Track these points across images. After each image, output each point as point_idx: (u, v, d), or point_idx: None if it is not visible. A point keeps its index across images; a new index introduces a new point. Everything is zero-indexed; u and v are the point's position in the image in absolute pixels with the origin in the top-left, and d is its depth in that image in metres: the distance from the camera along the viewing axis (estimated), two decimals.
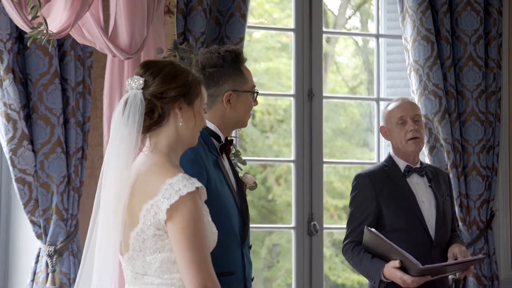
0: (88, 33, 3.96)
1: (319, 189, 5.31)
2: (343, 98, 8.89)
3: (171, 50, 4.24)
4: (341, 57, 9.48)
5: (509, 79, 5.57)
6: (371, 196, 4.14)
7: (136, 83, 2.58)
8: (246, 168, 4.54)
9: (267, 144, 9.24)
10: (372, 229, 3.99)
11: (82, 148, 4.51)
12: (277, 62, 9.15)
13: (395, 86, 5.61)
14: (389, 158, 4.24)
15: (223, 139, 3.22)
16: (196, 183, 2.48)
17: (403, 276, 3.90)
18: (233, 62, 3.21)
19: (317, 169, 5.31)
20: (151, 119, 2.58)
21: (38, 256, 4.42)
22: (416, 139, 4.17)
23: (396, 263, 3.92)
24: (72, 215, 4.44)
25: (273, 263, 9.25)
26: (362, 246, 4.09)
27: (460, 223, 5.29)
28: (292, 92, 5.36)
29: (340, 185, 9.29)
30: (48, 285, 4.36)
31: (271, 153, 9.11)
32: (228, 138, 3.27)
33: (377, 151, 5.54)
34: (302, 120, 5.31)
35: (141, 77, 2.59)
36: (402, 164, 4.21)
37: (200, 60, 3.21)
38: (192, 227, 2.44)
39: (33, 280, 4.41)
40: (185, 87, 2.61)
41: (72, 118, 4.46)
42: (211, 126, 3.20)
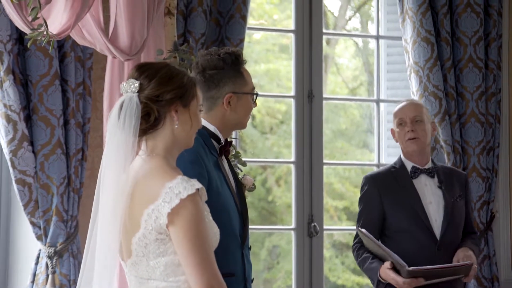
0: (88, 34, 3.96)
1: (319, 191, 5.31)
2: (343, 99, 8.89)
3: (171, 51, 4.24)
4: (341, 59, 9.48)
5: (509, 80, 5.57)
6: (376, 198, 4.19)
7: (131, 87, 2.55)
8: (246, 169, 4.54)
9: (267, 146, 9.23)
10: (362, 230, 4.04)
11: (82, 150, 4.51)
12: (277, 64, 9.15)
13: (395, 88, 5.61)
14: (398, 160, 4.28)
15: (222, 141, 3.22)
16: (196, 184, 2.47)
17: (395, 278, 3.95)
18: (233, 64, 3.21)
19: (317, 171, 5.31)
20: (148, 122, 2.56)
21: (38, 257, 4.42)
22: (414, 139, 4.19)
23: (388, 264, 3.99)
24: (72, 217, 4.44)
25: (273, 265, 9.25)
26: (365, 247, 4.13)
27: None
28: (292, 93, 5.36)
29: (340, 186, 9.29)
30: (48, 287, 4.36)
31: (271, 155, 9.10)
32: (228, 139, 3.27)
33: (377, 153, 5.54)
34: (302, 121, 5.31)
35: (136, 80, 2.56)
36: (409, 165, 4.24)
37: (200, 62, 3.21)
38: (195, 229, 2.43)
39: (33, 282, 4.41)
40: (181, 89, 2.59)
41: (72, 119, 4.46)
42: (211, 128, 3.20)
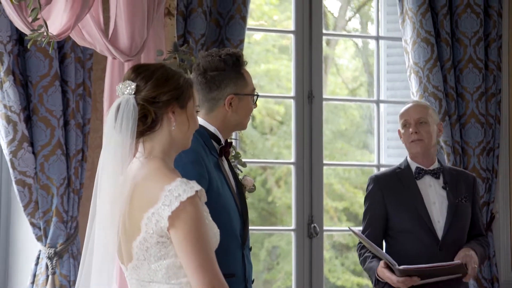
0: (88, 35, 3.96)
1: (319, 191, 5.31)
2: (343, 100, 8.89)
3: (171, 52, 4.24)
4: (341, 59, 9.48)
5: (509, 81, 5.57)
6: (379, 199, 4.22)
7: (128, 88, 2.54)
8: (246, 170, 4.55)
9: (267, 146, 9.23)
10: (353, 229, 4.09)
11: (82, 150, 4.51)
12: (277, 64, 9.15)
13: (395, 88, 5.61)
14: (404, 161, 4.30)
15: (223, 142, 3.22)
16: (195, 186, 2.46)
17: (390, 276, 3.98)
18: (234, 65, 3.21)
19: (317, 171, 5.31)
20: (145, 124, 2.54)
21: (38, 258, 4.42)
22: (417, 141, 4.20)
23: (382, 263, 4.02)
24: (72, 217, 4.44)
25: (273, 265, 9.25)
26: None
27: None
28: (292, 94, 5.36)
29: (340, 187, 9.29)
30: (48, 287, 4.36)
31: (271, 155, 9.10)
32: (228, 140, 3.27)
33: (377, 153, 5.54)
34: (302, 122, 5.31)
35: (132, 82, 2.55)
36: (414, 166, 4.25)
37: (201, 64, 3.21)
38: (195, 231, 2.43)
39: (33, 282, 4.40)
40: (177, 91, 2.58)
41: (72, 120, 4.46)
42: (211, 129, 3.20)
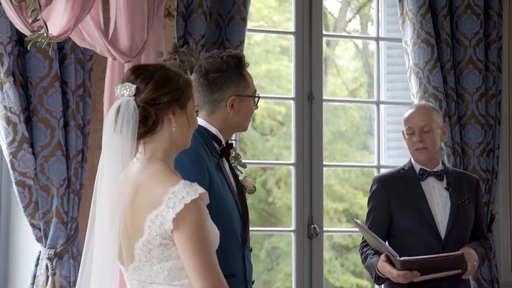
0: (88, 36, 3.96)
1: (319, 192, 5.30)
2: (343, 101, 8.89)
3: (171, 53, 4.24)
4: (341, 60, 9.49)
5: (509, 82, 5.57)
6: (382, 199, 4.22)
7: (127, 90, 2.53)
8: (246, 171, 4.55)
9: (267, 147, 9.23)
10: (357, 221, 4.05)
11: (82, 151, 4.50)
12: (277, 65, 9.15)
13: (395, 89, 5.61)
14: (408, 162, 4.31)
15: (223, 143, 3.22)
16: (198, 189, 2.46)
17: (390, 270, 3.96)
18: (236, 67, 3.21)
19: (317, 172, 5.31)
20: (145, 126, 2.53)
21: (38, 259, 4.42)
22: (422, 149, 4.19)
23: (383, 257, 4.00)
24: (72, 218, 4.43)
25: (272, 266, 9.25)
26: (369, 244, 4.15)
27: None
28: (292, 95, 5.36)
29: (340, 188, 9.29)
30: None
31: (271, 156, 9.10)
32: (229, 141, 3.27)
33: (377, 154, 5.54)
34: (302, 123, 5.31)
35: (132, 83, 2.54)
36: (418, 167, 4.26)
37: (203, 65, 3.20)
38: (199, 234, 2.43)
39: (33, 283, 4.40)
40: (177, 92, 2.57)
41: (72, 121, 4.45)
42: (212, 130, 3.20)
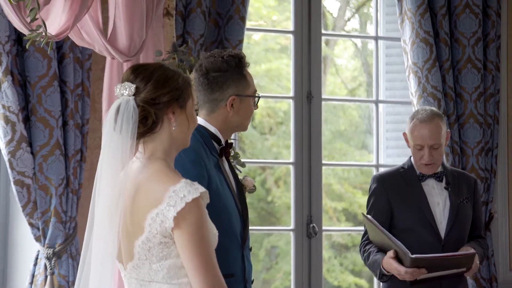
0: (87, 35, 3.96)
1: (318, 191, 5.31)
2: (342, 100, 8.89)
3: (170, 52, 4.24)
4: (340, 59, 9.49)
5: (508, 81, 5.57)
6: (383, 198, 4.21)
7: (127, 90, 2.52)
8: (245, 170, 4.54)
9: (266, 146, 9.23)
10: (367, 216, 4.03)
11: (81, 151, 4.50)
12: (276, 64, 9.15)
13: (394, 89, 5.61)
14: (408, 161, 4.28)
15: (223, 142, 3.22)
16: (199, 188, 2.46)
17: (398, 267, 3.91)
18: (237, 66, 3.21)
19: (316, 171, 5.31)
20: (145, 126, 2.53)
21: (36, 258, 4.42)
22: (429, 165, 4.18)
23: (391, 253, 3.95)
24: (71, 218, 4.43)
25: (271, 265, 9.25)
26: (371, 241, 4.13)
27: None
28: (291, 94, 5.36)
29: (339, 187, 9.29)
30: None
31: (270, 155, 9.10)
32: (228, 141, 3.27)
33: (376, 154, 5.54)
34: (301, 122, 5.31)
35: (131, 83, 2.53)
36: (418, 170, 4.24)
37: (204, 65, 3.20)
38: (199, 233, 2.43)
39: (31, 283, 4.40)
40: (177, 91, 2.57)
41: (71, 120, 4.45)
42: (212, 129, 3.20)
